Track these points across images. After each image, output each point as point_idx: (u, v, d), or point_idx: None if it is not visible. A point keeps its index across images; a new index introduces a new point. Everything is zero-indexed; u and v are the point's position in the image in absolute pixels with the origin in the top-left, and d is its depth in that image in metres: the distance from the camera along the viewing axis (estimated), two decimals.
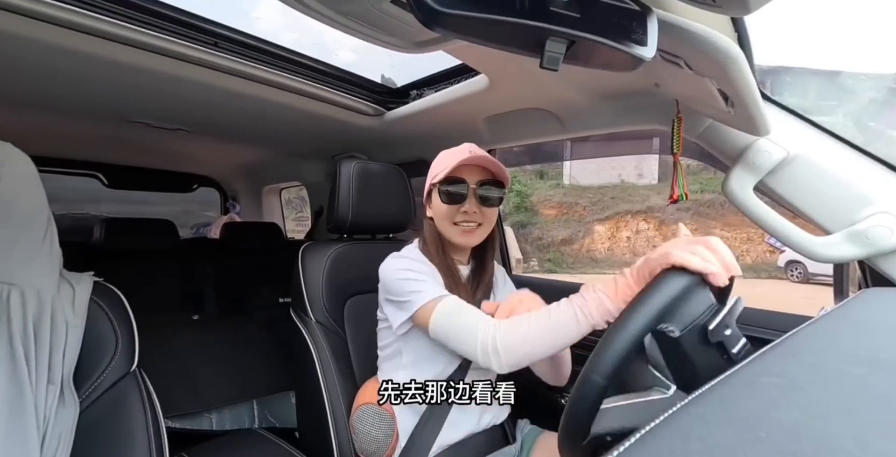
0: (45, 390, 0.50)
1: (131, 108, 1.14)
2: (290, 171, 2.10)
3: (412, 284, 0.66)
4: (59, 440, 0.49)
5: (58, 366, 0.51)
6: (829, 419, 0.25)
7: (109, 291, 0.61)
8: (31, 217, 0.55)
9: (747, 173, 0.67)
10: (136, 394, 0.55)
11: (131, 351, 0.58)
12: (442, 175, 0.71)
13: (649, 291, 0.45)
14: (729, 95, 0.51)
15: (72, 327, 0.54)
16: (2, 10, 0.62)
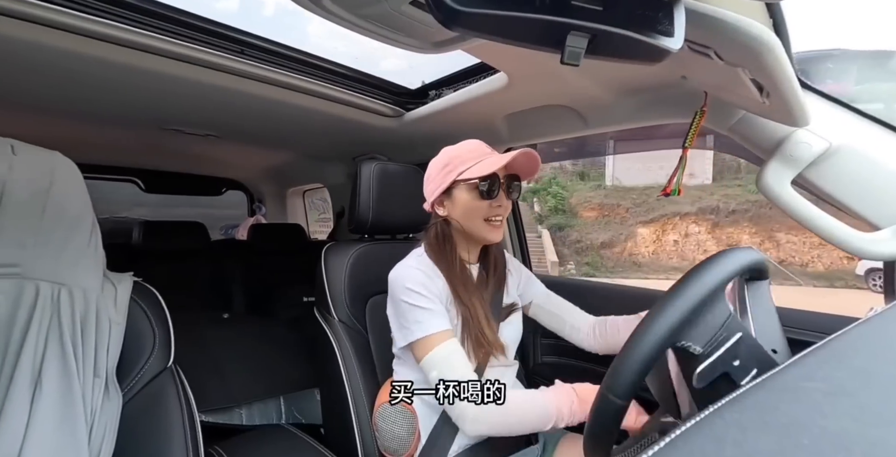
0: (91, 383, 0.53)
1: (166, 116, 1.20)
2: (313, 173, 2.15)
3: (416, 313, 0.67)
4: (104, 431, 0.52)
5: (102, 361, 0.55)
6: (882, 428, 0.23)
7: (147, 291, 0.64)
8: (79, 220, 0.58)
9: (785, 167, 0.63)
10: (173, 389, 0.58)
11: (168, 348, 0.61)
12: (479, 171, 0.69)
13: (664, 303, 0.41)
14: (764, 85, 0.49)
15: (114, 325, 0.57)
16: (48, 28, 0.66)
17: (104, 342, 0.55)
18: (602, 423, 0.42)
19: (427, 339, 0.66)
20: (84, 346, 0.53)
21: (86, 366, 0.53)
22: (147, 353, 0.59)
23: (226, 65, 0.84)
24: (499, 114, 1.04)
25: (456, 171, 0.72)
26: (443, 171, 0.75)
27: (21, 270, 0.53)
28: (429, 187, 0.78)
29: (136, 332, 0.59)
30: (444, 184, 0.74)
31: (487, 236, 0.74)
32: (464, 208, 0.73)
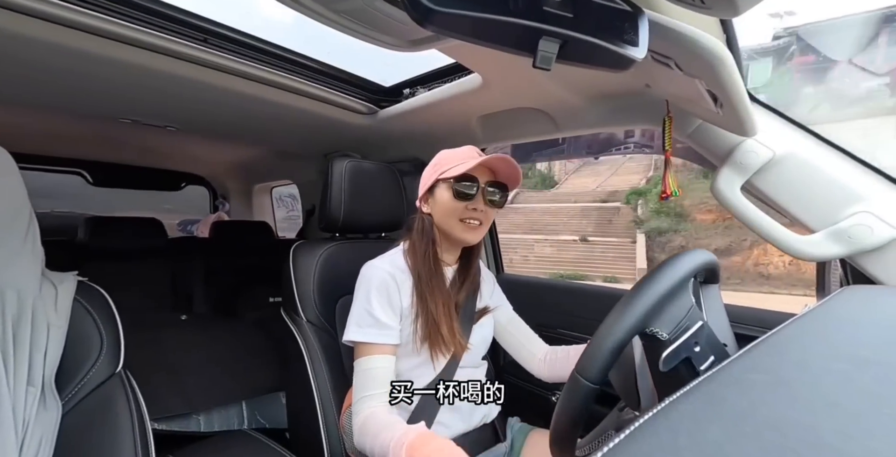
0: (24, 392, 0.48)
1: (119, 105, 1.11)
2: (282, 169, 2.08)
3: (364, 318, 0.70)
4: (39, 444, 0.48)
5: (38, 368, 0.50)
6: (815, 414, 0.25)
7: (94, 291, 0.59)
8: (13, 215, 0.53)
9: (735, 173, 0.68)
10: (122, 395, 0.54)
11: (116, 352, 0.57)
12: (456, 171, 0.71)
13: (635, 292, 0.45)
14: (718, 96, 0.52)
15: (53, 328, 0.53)
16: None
17: (40, 347, 0.51)
18: (572, 406, 0.43)
19: (363, 346, 0.69)
20: (16, 352, 0.49)
21: (17, 373, 0.48)
22: (93, 358, 0.55)
23: (187, 53, 0.79)
24: (473, 115, 1.05)
25: (440, 169, 0.74)
26: (431, 169, 0.77)
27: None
28: (420, 184, 0.80)
29: (81, 335, 0.55)
30: (429, 181, 0.76)
31: (462, 236, 0.74)
32: (441, 207, 0.75)
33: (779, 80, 10.60)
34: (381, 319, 0.69)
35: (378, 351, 0.68)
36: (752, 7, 0.34)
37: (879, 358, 0.33)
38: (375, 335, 0.69)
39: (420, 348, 0.71)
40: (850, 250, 0.61)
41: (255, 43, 0.88)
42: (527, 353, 0.85)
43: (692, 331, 0.45)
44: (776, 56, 10.36)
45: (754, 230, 0.68)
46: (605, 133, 1.16)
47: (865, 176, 0.62)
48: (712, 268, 0.53)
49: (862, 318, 0.46)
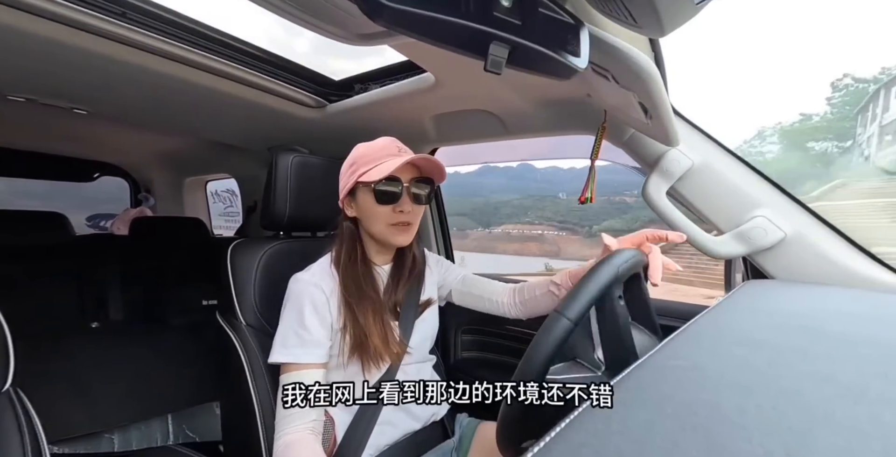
0: None
1: (9, 80, 0.95)
2: (219, 162, 1.92)
3: (289, 337, 0.67)
4: None
5: None
6: (719, 393, 0.29)
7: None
8: None
9: (661, 179, 0.75)
10: (10, 417, 0.46)
11: (3, 368, 0.49)
12: (377, 174, 0.66)
13: (608, 262, 0.52)
14: (647, 108, 0.57)
15: None
16: None
17: None
18: (548, 340, 0.46)
19: (288, 365, 0.67)
20: None
21: None
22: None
23: (97, 26, 0.69)
24: (426, 114, 1.04)
25: (358, 171, 0.68)
26: (349, 169, 0.71)
27: None
28: (340, 185, 0.74)
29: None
30: (348, 184, 0.70)
31: (392, 240, 0.71)
32: (365, 212, 0.70)
33: None
34: (307, 339, 0.67)
35: (304, 368, 0.66)
36: (677, 28, 0.38)
37: (771, 342, 0.39)
38: (301, 355, 0.66)
39: (348, 362, 0.69)
40: (749, 249, 0.71)
41: (184, 22, 0.80)
42: (489, 302, 0.83)
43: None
44: None
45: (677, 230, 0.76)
46: None
47: (762, 185, 0.73)
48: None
49: (758, 308, 0.53)
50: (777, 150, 9.89)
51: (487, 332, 1.17)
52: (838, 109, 9.27)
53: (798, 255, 0.69)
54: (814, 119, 9.72)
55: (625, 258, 0.53)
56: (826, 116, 9.63)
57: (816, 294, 0.60)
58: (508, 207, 12.60)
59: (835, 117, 9.26)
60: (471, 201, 12.86)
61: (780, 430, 0.24)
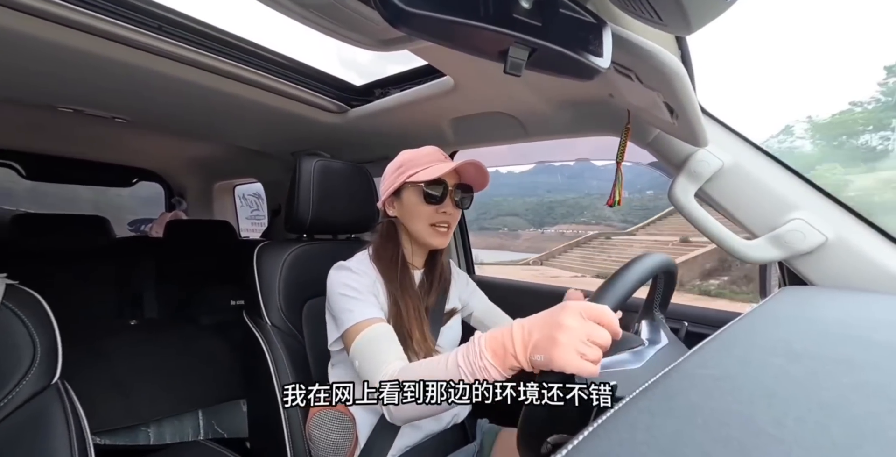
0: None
1: (58, 92, 1.02)
2: (246, 167, 1.99)
3: (347, 302, 0.66)
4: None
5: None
6: (754, 405, 0.28)
7: (26, 295, 0.54)
8: None
9: (689, 181, 0.73)
10: (58, 408, 0.49)
11: (53, 361, 0.52)
12: (428, 175, 0.70)
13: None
14: (673, 108, 0.55)
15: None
16: None
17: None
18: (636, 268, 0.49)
19: (355, 326, 0.64)
20: None
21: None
22: (24, 368, 0.50)
23: (139, 41, 0.74)
24: (445, 117, 1.05)
25: (406, 173, 0.73)
26: (396, 171, 0.75)
27: None
28: (382, 186, 0.77)
29: (10, 344, 0.50)
30: (394, 184, 0.74)
31: (431, 241, 0.74)
32: (410, 211, 0.74)
33: None
34: (360, 299, 0.66)
35: (372, 323, 0.64)
36: (705, 25, 0.37)
37: (811, 352, 0.37)
38: (367, 313, 0.65)
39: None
40: (786, 254, 0.67)
41: (215, 33, 0.84)
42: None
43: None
44: None
45: (705, 234, 0.73)
46: None
47: (799, 186, 0.69)
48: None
49: (797, 316, 0.50)
50: (807, 144, 9.23)
51: None
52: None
53: (841, 259, 0.64)
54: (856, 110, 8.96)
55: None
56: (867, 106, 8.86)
57: (861, 301, 0.56)
58: (564, 207, 12.37)
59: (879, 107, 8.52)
60: (524, 201, 12.70)
61: (824, 445, 0.22)
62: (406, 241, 0.77)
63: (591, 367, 0.42)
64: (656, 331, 0.61)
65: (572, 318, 0.43)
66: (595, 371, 0.42)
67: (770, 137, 9.77)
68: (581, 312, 0.43)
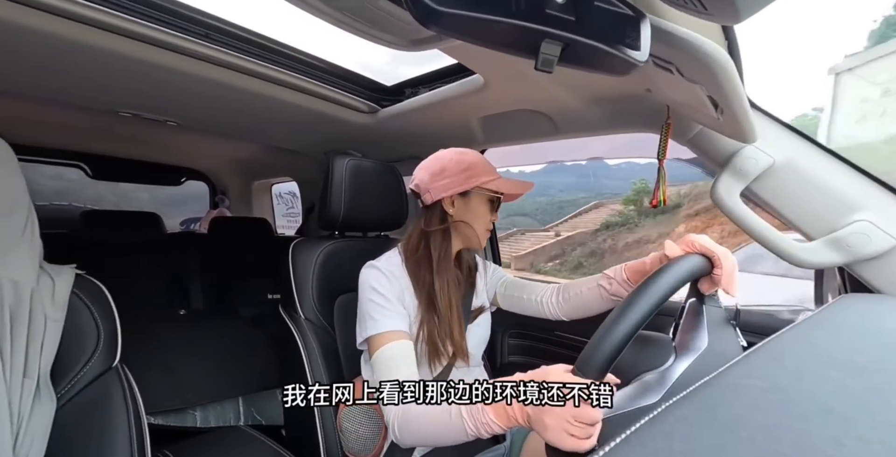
0: (20, 384, 0.48)
1: (119, 98, 1.11)
2: (282, 166, 2.08)
3: (373, 309, 0.69)
4: (33, 437, 0.48)
5: (35, 360, 0.50)
6: (809, 421, 0.26)
7: (92, 285, 0.59)
8: (12, 207, 0.53)
9: (734, 179, 0.68)
10: (119, 390, 0.54)
11: (114, 346, 0.57)
12: (505, 188, 0.76)
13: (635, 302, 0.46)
14: (718, 102, 0.52)
15: (51, 321, 0.53)
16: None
17: (37, 340, 0.51)
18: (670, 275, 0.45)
19: (378, 336, 0.66)
20: (13, 343, 0.49)
21: (14, 365, 0.48)
22: (89, 352, 0.55)
23: (188, 48, 0.79)
24: (474, 115, 1.04)
25: (479, 178, 0.75)
26: (464, 173, 0.75)
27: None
28: (441, 183, 0.76)
29: (77, 329, 0.55)
30: (465, 185, 0.75)
31: (483, 242, 0.79)
32: (476, 214, 0.77)
33: None
34: (386, 307, 0.69)
35: (395, 338, 0.66)
36: (755, 14, 0.34)
37: (875, 366, 0.33)
38: (389, 324, 0.67)
39: (420, 353, 0.70)
40: (848, 259, 0.61)
41: (256, 39, 0.88)
42: (531, 302, 0.83)
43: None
44: None
45: (753, 237, 0.68)
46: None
47: (864, 185, 0.63)
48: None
49: (859, 326, 0.46)
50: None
51: (535, 336, 1.14)
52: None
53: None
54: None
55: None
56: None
57: None
58: (574, 207, 12.17)
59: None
60: (534, 201, 12.59)
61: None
62: (455, 238, 0.79)
63: (585, 443, 0.42)
64: (698, 326, 0.54)
65: (555, 415, 0.43)
66: (590, 445, 0.43)
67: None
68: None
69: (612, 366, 0.43)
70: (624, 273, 0.69)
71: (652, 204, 0.73)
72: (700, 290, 0.57)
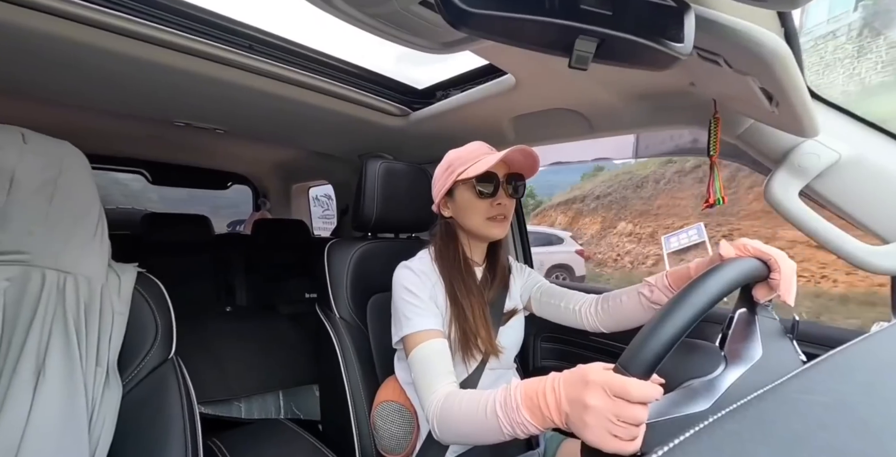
0: (93, 372, 0.53)
1: (175, 109, 1.20)
2: (319, 169, 2.16)
3: (407, 308, 0.69)
4: (104, 420, 0.53)
5: (105, 350, 0.55)
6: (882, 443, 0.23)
7: (151, 282, 0.65)
8: (86, 210, 0.59)
9: (792, 177, 0.63)
10: (174, 380, 0.58)
11: (170, 339, 0.61)
12: (476, 170, 0.70)
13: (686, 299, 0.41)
14: (773, 94, 0.48)
15: (117, 315, 0.58)
16: (60, 18, 0.67)
17: (107, 331, 0.56)
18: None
19: (413, 336, 0.66)
20: (87, 334, 0.54)
21: (88, 354, 0.53)
22: (149, 344, 0.59)
23: (234, 60, 0.84)
24: (505, 116, 1.03)
25: (456, 171, 0.73)
26: (445, 172, 0.75)
27: (29, 257, 0.53)
28: (434, 189, 0.79)
29: (139, 322, 0.60)
30: (446, 185, 0.75)
31: (489, 233, 0.74)
32: (464, 208, 0.74)
33: None
34: (420, 307, 0.69)
35: (430, 336, 0.66)
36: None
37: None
38: (423, 323, 0.67)
39: (454, 349, 0.71)
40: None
41: (295, 48, 0.92)
42: (569, 312, 0.79)
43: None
44: None
45: (815, 239, 0.63)
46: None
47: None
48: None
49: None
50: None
51: (570, 341, 1.11)
52: None
53: None
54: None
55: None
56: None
57: None
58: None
59: None
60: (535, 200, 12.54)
61: None
62: (464, 238, 0.77)
63: (629, 445, 0.39)
64: (750, 336, 0.50)
65: (596, 397, 0.40)
66: (634, 449, 0.39)
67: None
68: (605, 390, 0.40)
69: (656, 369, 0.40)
70: (666, 279, 0.65)
71: (708, 203, 0.68)
72: (754, 297, 0.52)
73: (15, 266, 0.52)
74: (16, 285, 0.52)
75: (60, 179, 0.56)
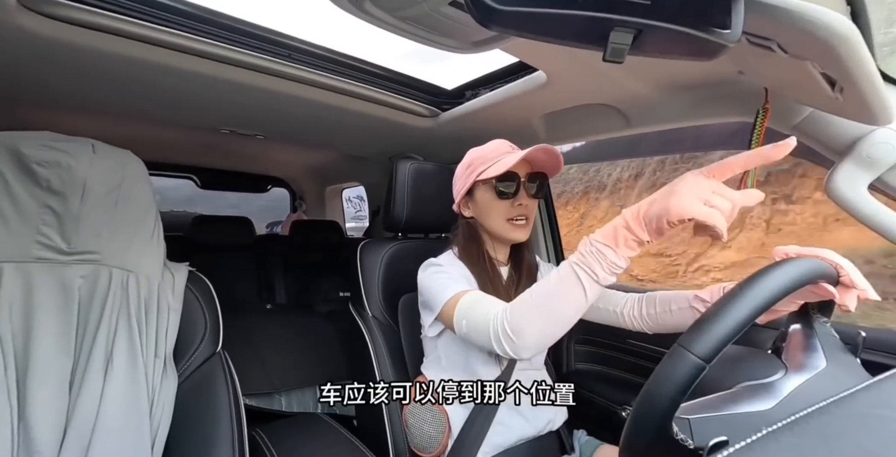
0: (153, 363, 0.58)
1: (221, 117, 1.28)
2: (351, 171, 2.22)
3: (440, 280, 0.67)
4: (162, 408, 0.57)
5: (162, 343, 0.60)
6: None
7: (200, 280, 0.69)
8: (145, 213, 0.64)
9: (860, 169, 0.57)
10: (221, 373, 0.62)
11: (217, 334, 0.66)
12: (496, 171, 0.68)
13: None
14: (836, 80, 0.44)
15: (172, 311, 0.63)
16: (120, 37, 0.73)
17: (163, 326, 0.61)
18: (673, 381, 0.34)
19: (452, 299, 0.63)
20: (147, 328, 0.59)
21: (148, 347, 0.58)
22: (199, 338, 0.64)
23: (275, 69, 0.88)
24: (536, 113, 1.01)
25: (476, 171, 0.72)
26: (465, 172, 0.75)
27: (99, 257, 0.59)
28: (455, 189, 0.78)
29: (190, 318, 0.64)
30: (466, 185, 0.74)
31: (510, 236, 0.73)
32: (485, 209, 0.73)
33: None
34: (452, 275, 0.68)
35: (468, 292, 0.64)
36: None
37: None
38: (459, 287, 0.65)
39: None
40: None
41: (329, 54, 0.95)
42: (608, 313, 0.76)
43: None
44: None
45: (885, 236, 0.57)
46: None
47: None
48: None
49: None
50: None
51: (605, 344, 1.07)
52: None
53: None
54: None
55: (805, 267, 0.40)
56: None
57: None
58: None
59: None
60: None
61: None
62: (487, 238, 0.76)
63: (716, 214, 0.37)
64: (811, 347, 0.45)
65: (693, 175, 0.40)
66: (720, 222, 0.37)
67: None
68: (703, 171, 0.40)
69: (705, 375, 0.36)
70: (722, 293, 0.61)
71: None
72: (822, 294, 0.47)
73: (88, 265, 0.58)
74: (89, 282, 0.57)
75: (124, 185, 0.61)
